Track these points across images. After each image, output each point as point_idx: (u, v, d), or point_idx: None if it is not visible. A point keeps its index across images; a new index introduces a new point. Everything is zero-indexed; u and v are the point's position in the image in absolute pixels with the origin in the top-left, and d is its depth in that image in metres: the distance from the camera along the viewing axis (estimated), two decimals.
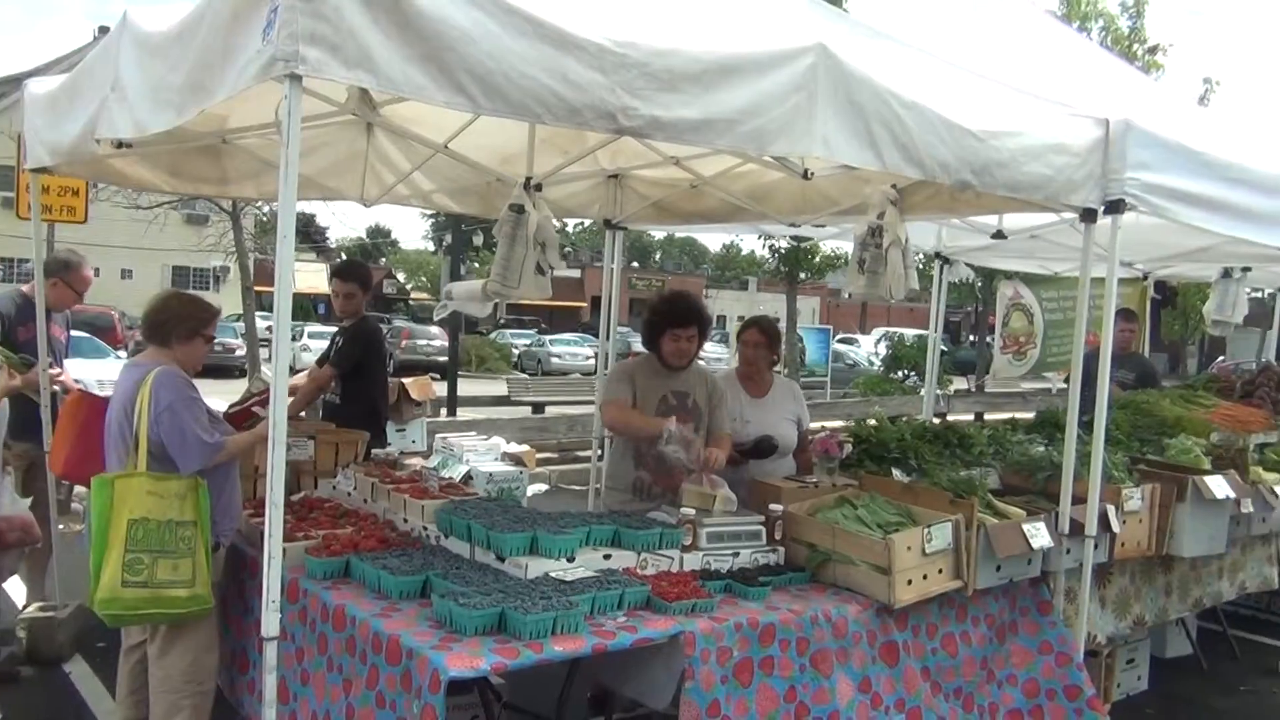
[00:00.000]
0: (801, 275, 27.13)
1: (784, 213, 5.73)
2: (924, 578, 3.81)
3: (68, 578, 5.41)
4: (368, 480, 4.45)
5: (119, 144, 3.92)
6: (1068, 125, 4.03)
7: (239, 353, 23.73)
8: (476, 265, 39.51)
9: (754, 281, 56.34)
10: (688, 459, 4.19)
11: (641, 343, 4.79)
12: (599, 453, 6.55)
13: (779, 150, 3.46)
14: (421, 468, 4.73)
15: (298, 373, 6.14)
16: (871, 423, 5.26)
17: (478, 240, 26.53)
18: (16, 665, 5.17)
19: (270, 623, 2.82)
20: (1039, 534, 4.13)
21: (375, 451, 5.10)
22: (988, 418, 15.81)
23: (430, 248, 66.75)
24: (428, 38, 2.64)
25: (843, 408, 18.44)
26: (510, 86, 2.76)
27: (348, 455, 5.02)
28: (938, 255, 7.75)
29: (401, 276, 66.02)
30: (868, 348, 36.41)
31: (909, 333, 31.22)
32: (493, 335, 40.03)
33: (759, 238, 22.20)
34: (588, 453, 9.33)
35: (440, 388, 14.28)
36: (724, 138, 3.17)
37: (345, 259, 24.89)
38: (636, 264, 70.05)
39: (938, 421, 6.17)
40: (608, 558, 3.64)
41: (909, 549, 3.76)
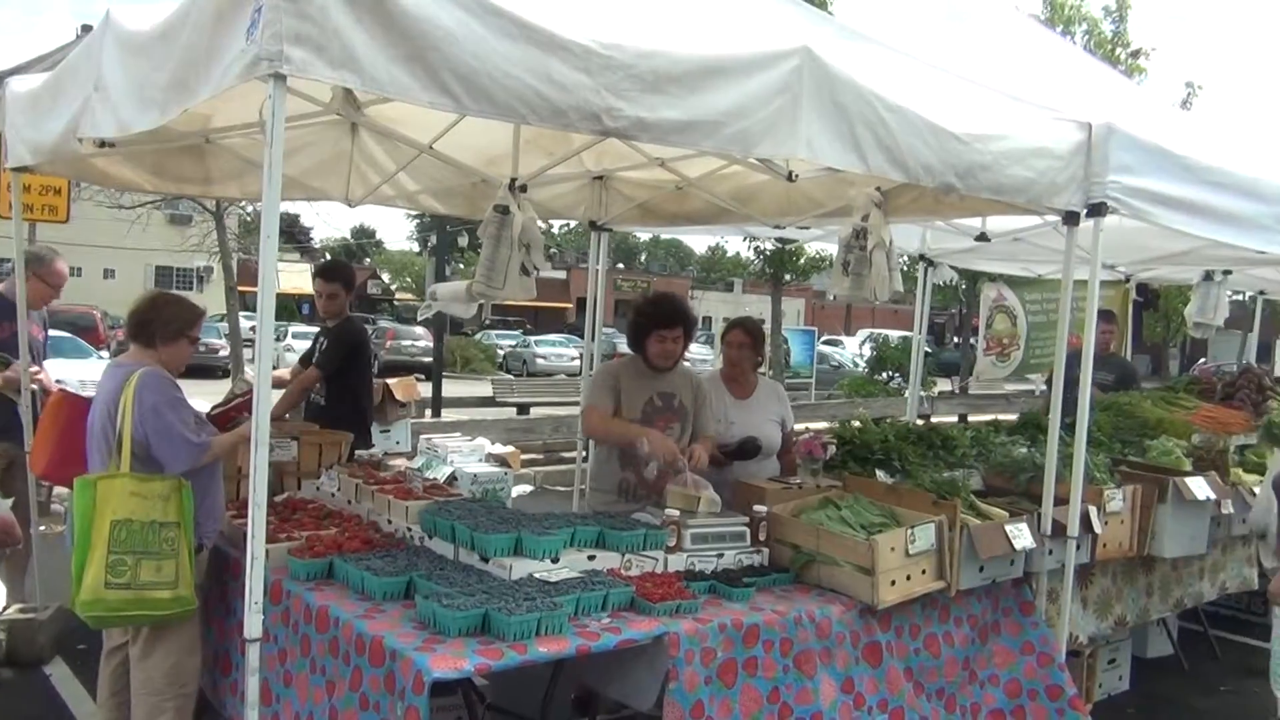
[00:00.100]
0: (786, 277, 27.21)
1: (769, 215, 5.74)
2: (907, 578, 3.82)
3: (48, 579, 5.39)
4: (351, 481, 4.44)
5: (102, 143, 3.90)
6: (1051, 129, 4.05)
7: (222, 353, 23.62)
8: (461, 266, 39.39)
9: (739, 283, 56.47)
10: (672, 467, 4.20)
11: (627, 344, 4.79)
12: (584, 454, 6.55)
13: (763, 152, 3.47)
14: (406, 469, 4.72)
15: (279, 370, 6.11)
16: (856, 424, 5.27)
17: (463, 241, 26.42)
18: None
19: (253, 624, 2.81)
20: (1021, 535, 4.15)
21: (359, 453, 5.09)
22: (971, 419, 15.86)
23: (415, 248, 66.64)
24: (412, 38, 2.64)
25: (827, 409, 18.47)
26: (495, 87, 2.76)
27: (331, 456, 5.00)
28: (922, 257, 7.78)
29: (386, 277, 65.85)
30: (852, 349, 36.47)
31: (893, 334, 31.31)
32: (478, 336, 39.95)
33: (744, 239, 22.26)
34: (573, 454, 9.33)
35: (425, 389, 14.26)
36: (709, 139, 3.18)
37: (329, 259, 24.82)
38: (622, 265, 70.04)
39: (921, 423, 6.19)
40: (592, 559, 3.64)
41: (892, 550, 3.77)
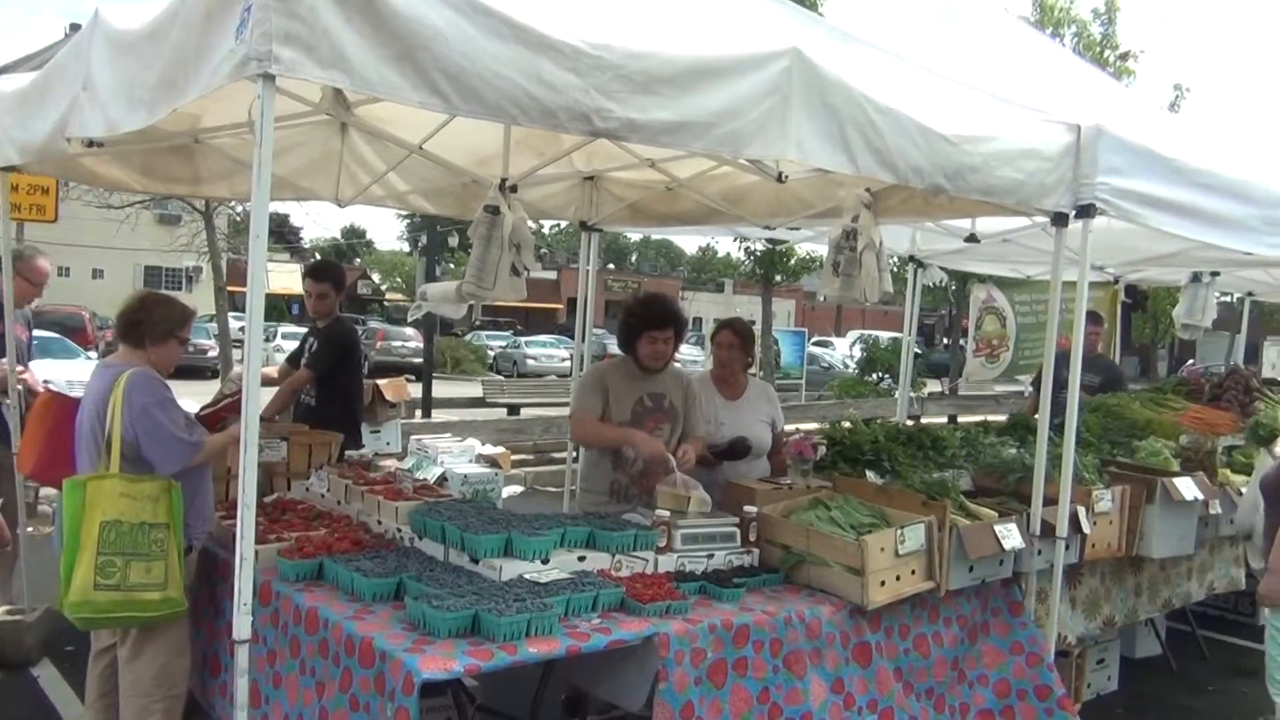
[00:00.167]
0: (777, 278, 27.21)
1: (759, 215, 5.74)
2: (897, 579, 3.83)
3: (36, 581, 5.36)
4: (341, 482, 4.43)
5: (90, 143, 3.88)
6: (1040, 130, 4.06)
7: (211, 354, 23.52)
8: (452, 266, 39.34)
9: (730, 284, 56.52)
10: (662, 468, 4.21)
11: (617, 345, 4.79)
12: (574, 455, 6.54)
13: (753, 153, 3.47)
14: (396, 469, 4.71)
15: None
16: (846, 425, 5.28)
17: (453, 241, 26.40)
18: None
19: (242, 625, 2.80)
20: (1010, 535, 4.16)
21: (349, 453, 5.08)
22: (961, 420, 15.92)
23: (405, 249, 66.44)
24: (402, 37, 2.63)
25: (817, 410, 18.52)
26: (485, 87, 2.76)
27: (321, 457, 4.99)
28: (911, 259, 7.79)
29: (376, 277, 65.69)
30: (843, 350, 36.54)
31: (883, 335, 31.41)
32: (468, 337, 39.88)
33: (734, 240, 22.30)
34: (563, 455, 9.32)
35: (415, 389, 14.21)
36: (699, 140, 3.18)
37: (319, 259, 24.73)
38: (612, 266, 70.08)
39: (911, 424, 6.21)
40: (582, 559, 3.64)
41: (882, 550, 3.78)
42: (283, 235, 52.26)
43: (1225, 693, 5.89)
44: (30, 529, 5.65)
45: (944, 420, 17.86)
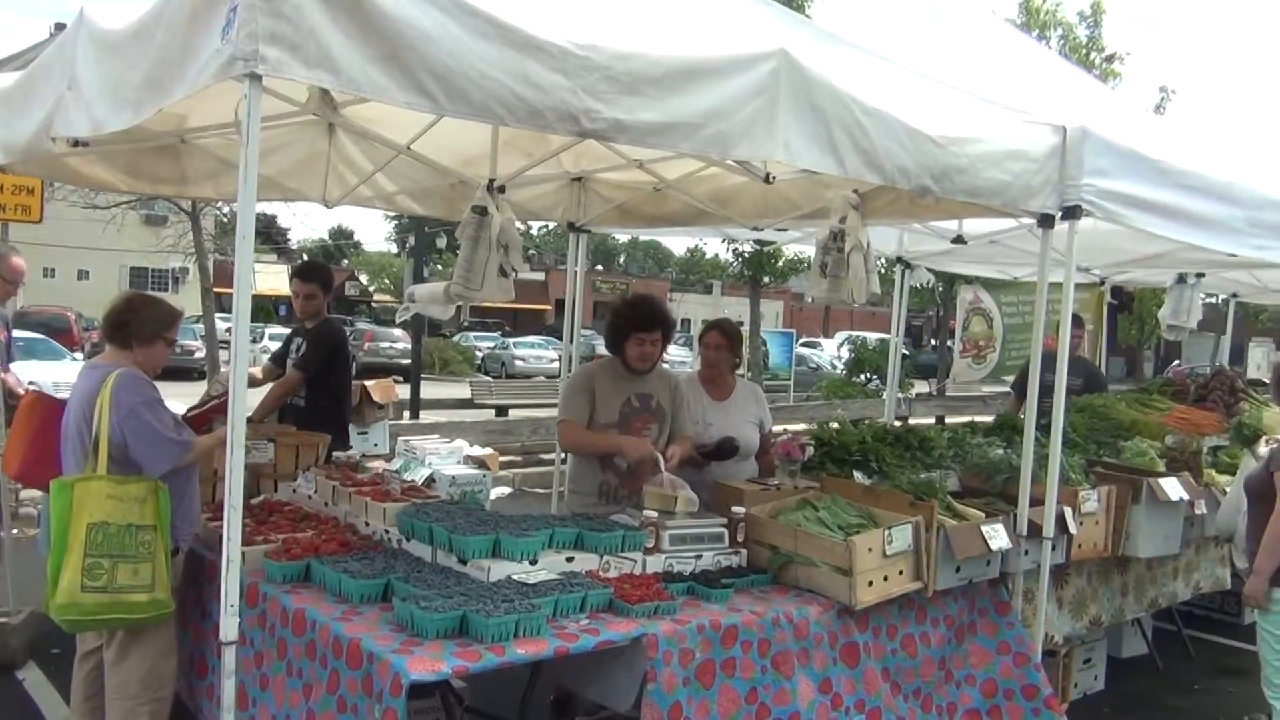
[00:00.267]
0: (765, 279, 27.26)
1: (747, 216, 5.75)
2: (884, 579, 3.84)
3: (20, 583, 5.33)
4: (328, 483, 4.41)
5: (75, 142, 3.87)
6: (1026, 132, 4.08)
7: (198, 355, 23.41)
8: (440, 268, 39.30)
9: (718, 285, 56.47)
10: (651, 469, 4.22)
11: (605, 346, 4.79)
12: (563, 456, 6.53)
13: (741, 154, 3.48)
14: (383, 471, 4.70)
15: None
16: (834, 426, 5.30)
17: (441, 243, 26.42)
18: None
19: (229, 627, 2.80)
20: (997, 535, 4.18)
21: (336, 454, 5.07)
22: (948, 421, 15.96)
23: (393, 250, 66.26)
24: (389, 38, 2.63)
25: (805, 411, 18.55)
26: (472, 88, 2.76)
27: (308, 458, 4.97)
28: (899, 260, 7.82)
29: (364, 278, 65.48)
30: (830, 351, 36.57)
31: (871, 336, 31.42)
32: (456, 338, 39.83)
33: (722, 241, 22.29)
34: (551, 456, 9.30)
35: (403, 390, 14.18)
36: (687, 141, 3.18)
37: (306, 260, 24.65)
38: (601, 267, 69.99)
39: (899, 424, 6.23)
40: (570, 560, 3.63)
41: (870, 550, 3.78)
42: (270, 236, 52.10)
43: (1211, 692, 5.92)
44: (15, 531, 5.63)
45: (931, 421, 17.91)
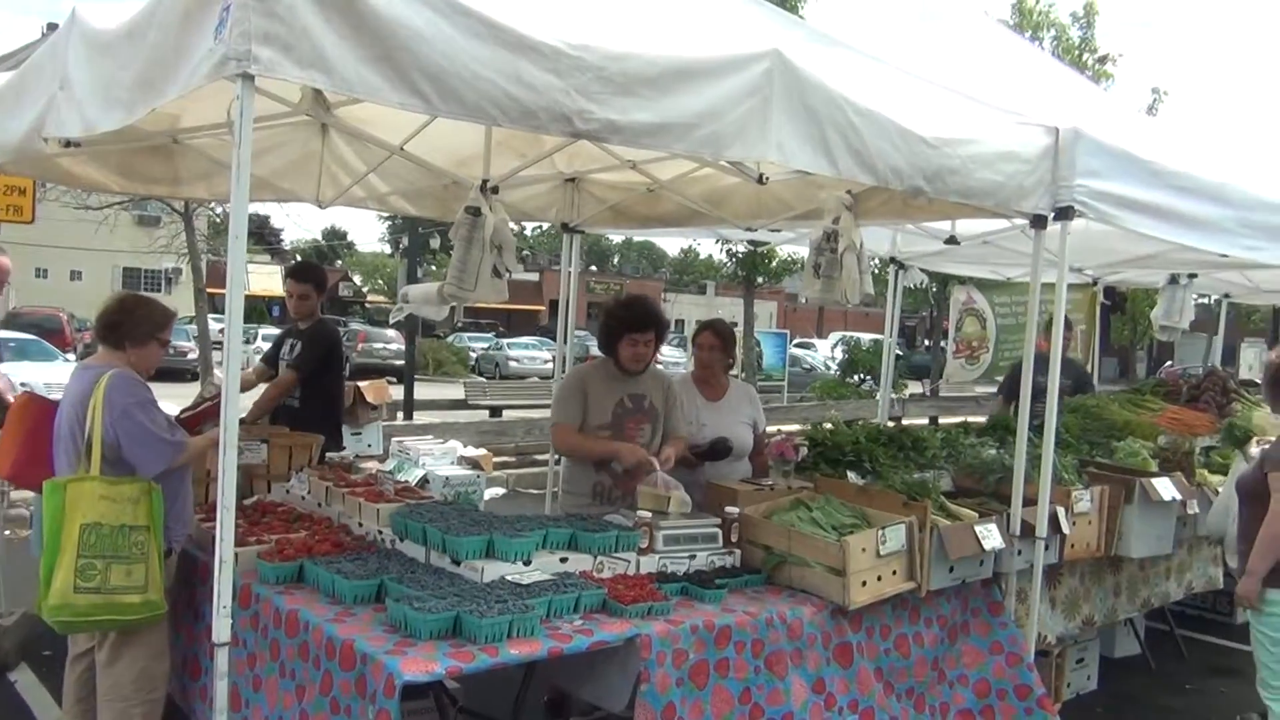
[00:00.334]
0: (759, 280, 27.29)
1: (740, 217, 5.76)
2: (878, 579, 3.85)
3: (12, 584, 5.32)
4: (322, 484, 4.41)
5: (67, 143, 3.85)
6: (1018, 133, 4.09)
7: (191, 356, 23.39)
8: (434, 268, 39.22)
9: (712, 286, 56.48)
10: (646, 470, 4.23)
11: (598, 347, 4.78)
12: (557, 457, 6.53)
13: (734, 155, 3.48)
14: (377, 471, 4.69)
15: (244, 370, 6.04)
16: (827, 426, 5.30)
17: (434, 243, 26.34)
18: None
19: (221, 628, 2.79)
20: (990, 535, 4.18)
21: (330, 455, 5.06)
22: (942, 421, 15.98)
23: (387, 250, 66.28)
24: (382, 38, 2.63)
25: (799, 411, 18.56)
26: (465, 88, 2.75)
27: (301, 459, 4.97)
28: (892, 260, 7.83)
29: (358, 279, 65.38)
30: (824, 352, 36.61)
31: (865, 337, 31.47)
32: (450, 339, 39.77)
33: (716, 242, 22.29)
34: (545, 457, 9.30)
35: (397, 391, 14.18)
36: (680, 142, 3.18)
37: (300, 260, 24.61)
38: (594, 268, 70.01)
39: (892, 425, 6.24)
40: (564, 561, 3.63)
41: (863, 551, 3.79)
42: (263, 237, 51.98)
43: (1203, 692, 5.93)
44: (7, 532, 5.61)
45: (925, 421, 17.93)
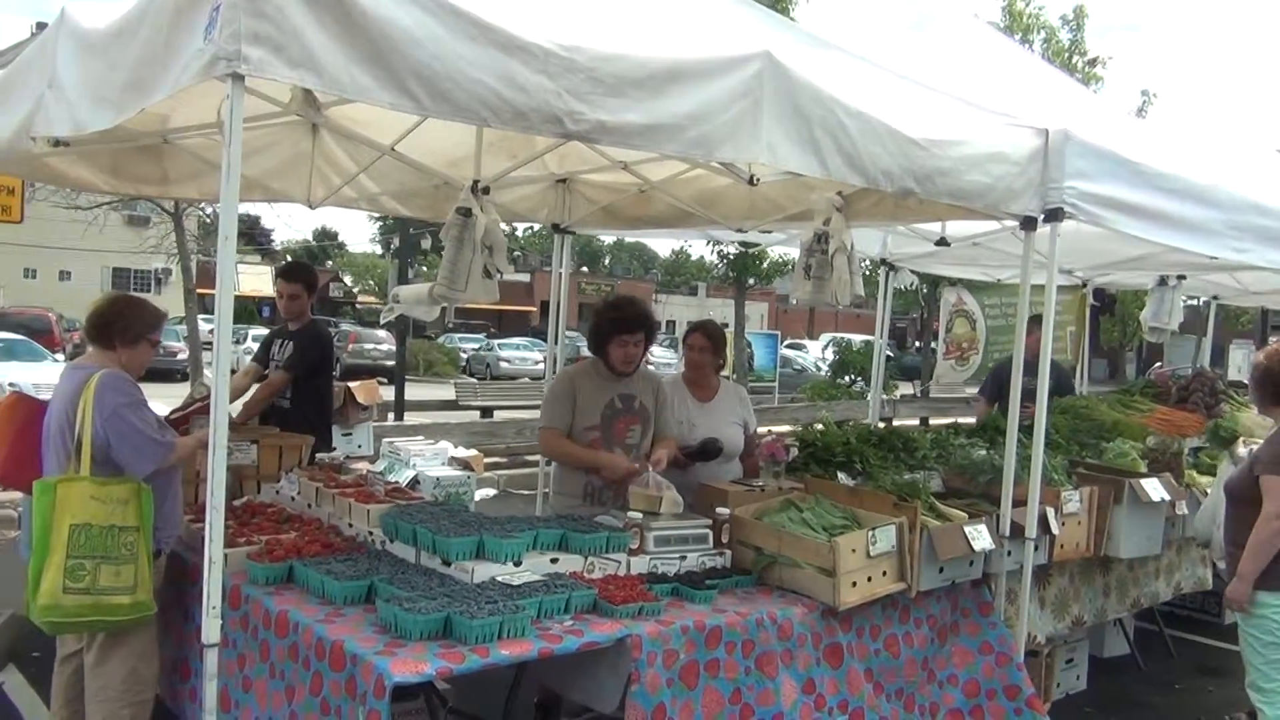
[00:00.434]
0: (750, 281, 27.29)
1: (731, 218, 5.76)
2: (868, 580, 3.85)
3: (0, 585, 5.29)
4: (312, 485, 4.40)
5: (56, 142, 3.84)
6: (1008, 135, 4.10)
7: (181, 356, 23.29)
8: (424, 269, 39.16)
9: (703, 287, 56.56)
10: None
11: (588, 347, 4.79)
12: (547, 458, 6.53)
13: (725, 156, 3.48)
14: (367, 472, 4.68)
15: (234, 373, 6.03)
16: (818, 427, 5.31)
17: (426, 244, 26.35)
18: None
19: (211, 629, 2.79)
20: (980, 536, 4.19)
21: (320, 456, 5.05)
22: (932, 422, 16.03)
23: (378, 251, 66.02)
24: (373, 39, 2.63)
25: (790, 412, 18.57)
26: (456, 89, 2.75)
27: (291, 459, 4.96)
28: (883, 262, 7.84)
29: (349, 280, 65.27)
30: (815, 353, 36.61)
31: (856, 338, 31.48)
32: (441, 339, 39.74)
33: (707, 243, 22.30)
34: (536, 457, 9.29)
35: (387, 392, 14.14)
36: (671, 143, 3.19)
37: (290, 260, 24.53)
38: (586, 269, 69.96)
39: (883, 426, 6.25)
40: (555, 561, 3.63)
41: (854, 551, 3.79)
42: (253, 237, 51.87)
43: (1192, 691, 5.95)
44: None
45: (915, 422, 18.00)
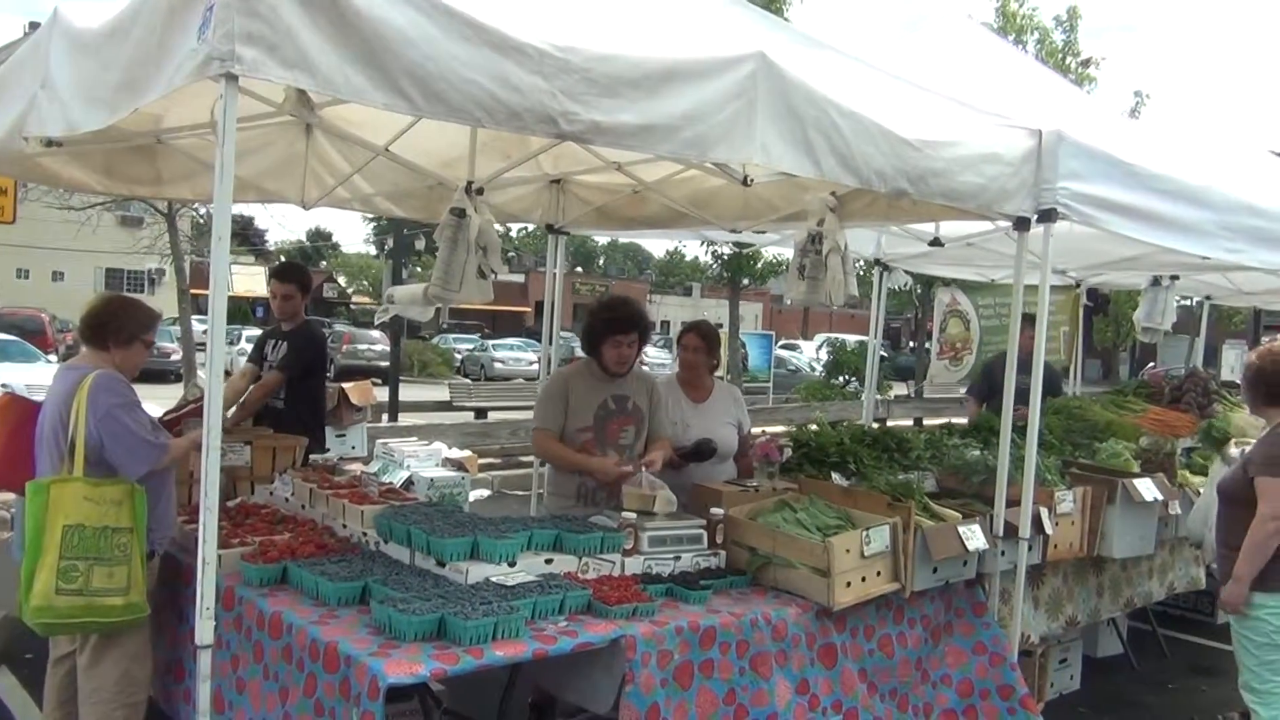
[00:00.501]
0: (744, 281, 27.30)
1: (725, 219, 5.76)
2: (862, 580, 3.86)
3: None
4: (306, 486, 4.39)
5: (49, 142, 3.83)
6: (1001, 135, 4.10)
7: (174, 357, 23.26)
8: (419, 269, 39.09)
9: (698, 287, 56.52)
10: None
11: (582, 348, 4.78)
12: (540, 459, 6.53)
13: (719, 156, 3.49)
14: (361, 473, 4.68)
15: (229, 375, 6.03)
16: (812, 427, 5.31)
17: (420, 244, 26.28)
18: None
19: (204, 630, 2.78)
20: (974, 536, 4.20)
21: (314, 457, 5.05)
22: (926, 422, 16.05)
23: (372, 251, 65.99)
24: (367, 39, 2.62)
25: (784, 413, 18.56)
26: (450, 89, 2.75)
27: (285, 460, 4.95)
28: (877, 262, 7.86)
29: (343, 280, 65.11)
30: (809, 354, 36.62)
31: (850, 339, 31.49)
32: (435, 340, 39.68)
33: (701, 244, 22.30)
34: (530, 458, 9.28)
35: (381, 393, 14.12)
36: (665, 143, 3.19)
37: (284, 260, 24.52)
38: (580, 269, 69.94)
39: (877, 426, 6.25)
40: (549, 562, 3.63)
41: (848, 551, 3.80)
42: (247, 238, 51.69)
43: (1185, 691, 5.96)
44: None
45: (909, 423, 18.03)
